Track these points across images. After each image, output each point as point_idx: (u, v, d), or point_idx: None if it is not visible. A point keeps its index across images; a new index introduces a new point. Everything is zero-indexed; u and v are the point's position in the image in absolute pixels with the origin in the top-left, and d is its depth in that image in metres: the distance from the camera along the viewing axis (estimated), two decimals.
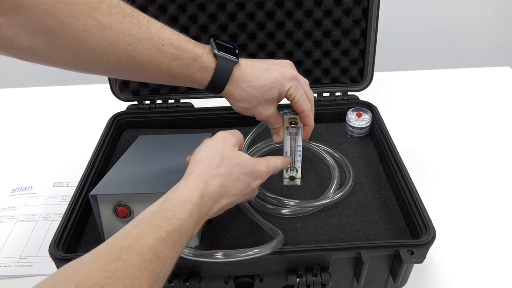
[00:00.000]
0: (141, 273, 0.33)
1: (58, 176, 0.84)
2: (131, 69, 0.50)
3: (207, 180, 0.46)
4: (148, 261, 0.34)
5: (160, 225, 0.38)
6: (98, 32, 0.45)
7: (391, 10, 1.44)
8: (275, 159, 0.57)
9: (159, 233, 0.37)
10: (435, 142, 0.90)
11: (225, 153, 0.49)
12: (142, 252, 0.35)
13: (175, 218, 0.40)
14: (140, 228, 0.38)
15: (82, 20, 0.43)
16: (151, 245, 0.36)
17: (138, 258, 0.34)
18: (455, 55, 1.66)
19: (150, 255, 0.35)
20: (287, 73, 0.56)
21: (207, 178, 0.46)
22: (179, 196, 0.43)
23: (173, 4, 0.75)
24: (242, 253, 0.48)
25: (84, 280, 0.30)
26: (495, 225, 0.71)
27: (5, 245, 0.69)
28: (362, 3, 0.75)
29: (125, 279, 0.32)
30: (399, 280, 0.55)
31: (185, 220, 0.41)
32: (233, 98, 0.57)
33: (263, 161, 0.54)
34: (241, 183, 0.50)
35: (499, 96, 1.05)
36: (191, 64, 0.52)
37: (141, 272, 0.33)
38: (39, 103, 1.10)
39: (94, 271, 0.32)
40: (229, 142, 0.51)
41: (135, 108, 0.83)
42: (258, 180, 0.53)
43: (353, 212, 0.63)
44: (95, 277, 0.31)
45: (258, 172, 0.52)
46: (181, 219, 0.40)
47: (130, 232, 0.37)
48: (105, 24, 0.45)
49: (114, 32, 0.46)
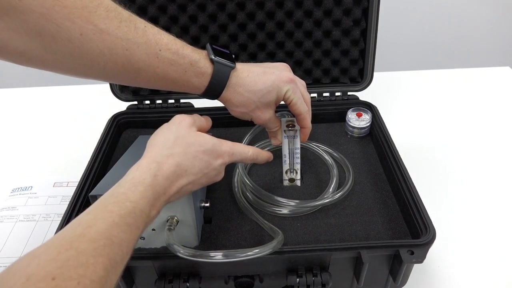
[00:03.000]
0: (95, 260, 0.33)
1: (58, 176, 0.84)
2: (128, 74, 0.50)
3: (161, 160, 0.46)
4: (102, 247, 0.34)
5: (112, 209, 0.38)
6: (95, 36, 0.44)
7: (391, 10, 1.44)
8: (246, 147, 0.55)
9: (111, 218, 0.37)
10: (435, 142, 0.90)
11: (179, 132, 0.49)
12: (95, 238, 0.34)
13: (127, 201, 0.40)
14: (92, 214, 0.38)
15: (79, 24, 0.43)
16: (104, 231, 0.36)
17: (90, 245, 0.34)
18: (455, 55, 1.66)
19: (103, 241, 0.35)
20: (284, 76, 0.56)
21: (161, 158, 0.46)
22: (131, 178, 0.43)
23: (173, 4, 0.75)
24: (242, 253, 0.48)
25: (35, 272, 0.30)
26: (495, 225, 0.71)
27: (5, 245, 0.69)
28: (362, 3, 0.75)
29: (78, 267, 0.32)
30: (399, 280, 0.55)
31: (138, 202, 0.40)
32: (231, 103, 0.56)
33: (227, 142, 0.53)
34: (199, 162, 0.49)
35: (499, 96, 1.05)
36: (188, 70, 0.52)
37: (94, 259, 0.33)
38: (39, 103, 1.10)
39: (45, 262, 0.31)
40: (184, 122, 0.51)
41: (135, 108, 0.83)
42: (219, 159, 0.51)
43: (353, 212, 0.63)
44: (47, 268, 0.31)
45: (219, 151, 0.51)
46: (133, 202, 0.40)
47: (82, 219, 0.37)
48: (102, 28, 0.45)
49: (111, 36, 0.45)
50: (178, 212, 0.54)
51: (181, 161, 0.47)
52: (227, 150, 0.52)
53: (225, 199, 0.66)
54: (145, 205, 0.41)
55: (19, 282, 0.29)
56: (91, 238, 0.34)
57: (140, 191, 0.41)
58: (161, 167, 0.45)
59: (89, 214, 0.38)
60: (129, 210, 0.39)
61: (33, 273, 0.30)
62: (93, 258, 0.33)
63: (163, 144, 0.48)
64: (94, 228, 0.35)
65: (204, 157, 0.49)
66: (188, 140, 0.49)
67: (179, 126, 0.50)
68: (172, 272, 0.54)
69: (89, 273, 0.32)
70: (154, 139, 0.49)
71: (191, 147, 0.48)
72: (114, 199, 0.40)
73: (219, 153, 0.51)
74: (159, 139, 0.49)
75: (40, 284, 0.29)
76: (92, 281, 0.32)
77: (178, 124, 0.51)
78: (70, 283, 0.30)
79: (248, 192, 0.66)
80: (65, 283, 0.30)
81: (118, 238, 0.36)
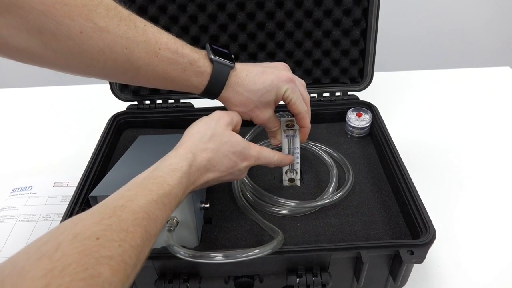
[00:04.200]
0: (134, 229, 0.36)
1: (58, 176, 0.84)
2: (127, 72, 0.50)
3: (196, 152, 0.48)
4: (140, 219, 0.37)
5: (152, 188, 0.41)
6: (95, 34, 0.45)
7: (391, 10, 1.44)
8: (272, 152, 0.58)
9: (150, 196, 0.40)
10: (435, 142, 0.90)
11: (216, 129, 0.51)
12: (135, 210, 0.37)
13: (165, 183, 0.43)
14: (132, 191, 0.40)
15: (79, 22, 0.43)
16: (143, 205, 0.38)
17: (131, 216, 0.37)
18: (455, 55, 1.66)
19: (142, 214, 0.38)
20: (283, 76, 0.56)
21: (196, 150, 0.48)
22: (169, 164, 0.46)
23: (173, 4, 0.75)
24: (242, 254, 0.48)
25: (82, 231, 0.33)
26: (495, 225, 0.71)
27: (5, 245, 0.69)
28: (362, 3, 0.75)
29: (119, 232, 0.35)
30: (399, 280, 0.55)
31: (175, 186, 0.43)
32: (230, 102, 0.57)
33: (256, 147, 0.55)
34: (228, 161, 0.51)
35: (499, 96, 1.05)
36: (188, 69, 0.52)
37: (134, 228, 0.36)
38: (39, 103, 1.10)
39: (91, 224, 0.34)
40: (222, 120, 0.53)
41: (135, 108, 0.83)
42: (245, 161, 0.53)
43: (353, 212, 0.63)
44: (92, 229, 0.33)
45: (247, 154, 0.53)
46: (171, 185, 0.43)
47: (123, 194, 0.40)
48: (102, 26, 0.45)
49: (111, 35, 0.46)
50: (178, 213, 0.54)
51: (213, 157, 0.49)
52: (254, 154, 0.54)
53: (225, 199, 0.66)
54: (179, 190, 0.44)
55: (68, 238, 0.32)
56: (132, 209, 0.37)
57: (177, 177, 0.44)
58: (195, 159, 0.48)
59: (129, 190, 0.41)
60: (166, 192, 0.42)
61: (80, 232, 0.33)
62: (133, 227, 0.36)
63: (200, 138, 0.50)
64: (135, 202, 0.38)
65: (233, 157, 0.51)
66: (223, 138, 0.51)
67: (218, 123, 0.52)
68: (172, 272, 0.54)
69: (129, 239, 0.35)
70: (191, 130, 0.52)
71: (224, 146, 0.51)
72: (154, 180, 0.43)
73: (246, 156, 0.53)
74: (197, 132, 0.51)
75: (86, 241, 0.32)
76: (131, 246, 0.35)
77: (217, 121, 0.52)
78: (112, 244, 0.33)
79: (248, 192, 0.66)
80: (108, 243, 0.33)
81: (154, 214, 0.39)
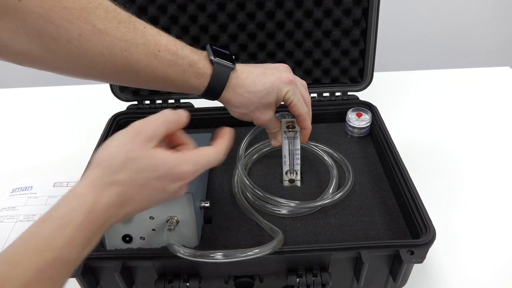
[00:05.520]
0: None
1: (58, 176, 0.84)
2: (127, 74, 0.50)
3: (100, 188, 0.39)
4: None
5: (28, 263, 0.33)
6: (94, 37, 0.44)
7: (391, 10, 1.44)
8: (208, 149, 0.46)
9: (26, 274, 0.32)
10: (435, 142, 0.90)
11: (131, 152, 0.40)
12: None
13: (49, 249, 0.34)
14: (4, 266, 0.32)
15: (77, 25, 0.43)
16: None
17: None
18: (455, 55, 1.66)
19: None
20: (284, 77, 0.56)
21: (100, 186, 0.39)
22: (59, 215, 0.36)
23: (173, 4, 0.75)
24: (242, 253, 0.48)
25: None
26: (495, 225, 0.71)
27: (5, 245, 0.69)
28: (362, 3, 0.75)
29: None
30: (399, 280, 0.55)
31: (64, 248, 0.35)
32: (231, 104, 0.56)
33: (190, 157, 0.44)
34: (150, 189, 0.41)
35: (499, 96, 1.05)
36: (188, 70, 0.52)
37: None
38: (39, 103, 1.10)
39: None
40: (141, 136, 0.41)
41: (135, 108, 0.83)
42: (178, 182, 0.43)
43: (353, 212, 0.63)
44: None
45: (177, 174, 0.42)
46: (57, 248, 0.34)
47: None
48: (101, 29, 0.45)
49: (110, 37, 0.45)
50: (178, 212, 0.54)
51: (125, 191, 0.40)
52: (188, 169, 0.43)
53: (225, 199, 0.66)
54: (72, 250, 0.36)
55: None
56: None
57: (67, 235, 0.35)
58: (99, 200, 0.38)
59: (2, 264, 0.32)
60: (48, 263, 0.34)
61: None
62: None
63: (109, 167, 0.40)
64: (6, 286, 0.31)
65: (156, 184, 0.41)
66: (140, 163, 0.40)
67: (134, 141, 0.41)
68: (172, 272, 0.54)
69: None
70: (100, 155, 0.41)
71: (141, 174, 0.40)
72: (34, 246, 0.34)
73: (177, 177, 0.43)
74: (106, 157, 0.40)
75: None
76: None
77: (133, 137, 0.41)
78: None
79: (248, 192, 0.66)
80: None
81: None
